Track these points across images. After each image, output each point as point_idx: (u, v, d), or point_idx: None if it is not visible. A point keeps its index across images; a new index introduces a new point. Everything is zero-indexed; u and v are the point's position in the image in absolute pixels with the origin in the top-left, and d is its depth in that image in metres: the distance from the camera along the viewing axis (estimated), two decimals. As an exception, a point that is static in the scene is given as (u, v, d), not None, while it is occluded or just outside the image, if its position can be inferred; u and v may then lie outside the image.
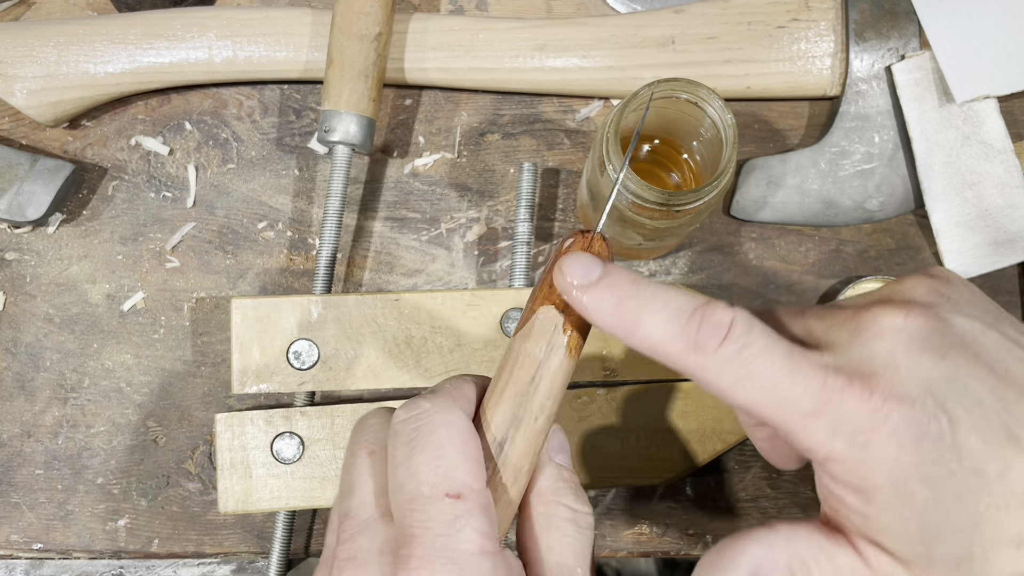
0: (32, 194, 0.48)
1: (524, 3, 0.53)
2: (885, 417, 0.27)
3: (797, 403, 0.28)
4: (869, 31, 0.49)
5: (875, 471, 0.28)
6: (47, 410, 0.50)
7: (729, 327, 0.29)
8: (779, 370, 0.28)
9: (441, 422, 0.30)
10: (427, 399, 0.31)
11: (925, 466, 0.27)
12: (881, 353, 0.28)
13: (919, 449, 0.27)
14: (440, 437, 0.29)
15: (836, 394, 0.28)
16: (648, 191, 0.39)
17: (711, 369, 0.29)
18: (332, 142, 0.47)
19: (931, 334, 0.28)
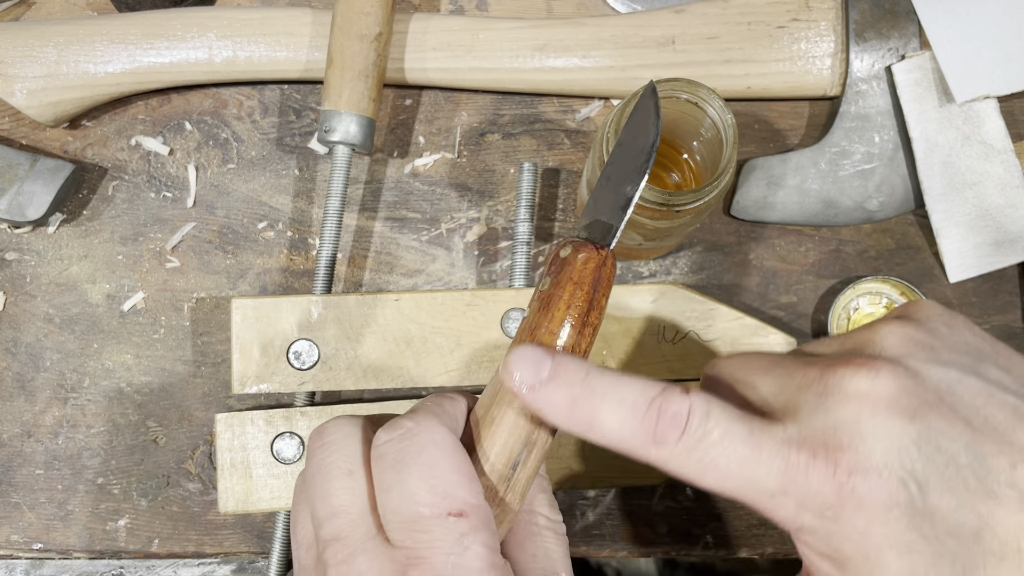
0: (32, 194, 0.48)
1: (524, 3, 0.53)
2: (851, 491, 0.27)
3: (762, 483, 0.28)
4: (869, 31, 0.49)
5: (846, 543, 0.27)
6: (47, 410, 0.50)
7: (687, 418, 0.29)
8: (741, 454, 0.28)
9: (428, 440, 0.29)
10: (409, 418, 0.30)
11: (896, 535, 0.27)
12: (847, 422, 0.28)
13: (888, 519, 0.27)
14: (430, 456, 0.29)
15: (800, 472, 0.27)
16: (648, 191, 0.39)
17: (674, 461, 0.29)
18: (332, 142, 0.48)
19: (900, 395, 0.28)
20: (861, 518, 0.27)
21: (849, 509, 0.27)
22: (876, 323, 0.32)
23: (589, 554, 0.49)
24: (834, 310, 0.49)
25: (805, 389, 0.29)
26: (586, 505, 0.49)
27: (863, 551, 0.27)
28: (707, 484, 0.29)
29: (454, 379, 0.46)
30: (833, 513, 0.27)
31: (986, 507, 0.27)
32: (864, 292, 0.49)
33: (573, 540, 0.49)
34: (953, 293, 0.51)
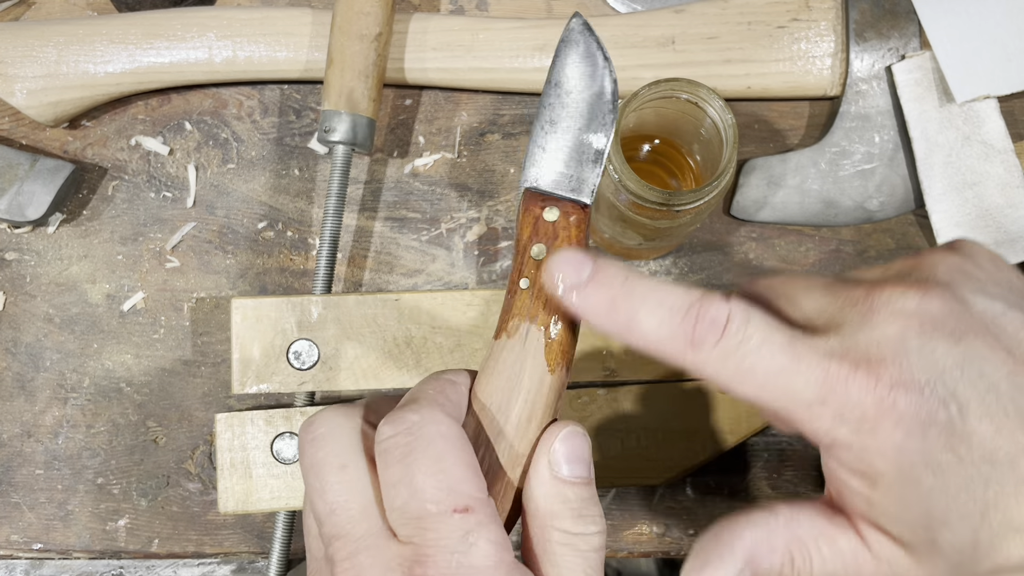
0: (32, 194, 0.48)
1: (524, 3, 0.53)
2: (891, 405, 0.27)
3: (800, 393, 0.28)
4: (869, 31, 0.49)
5: (880, 458, 0.27)
6: (47, 410, 0.50)
7: (726, 322, 0.28)
8: (779, 362, 0.28)
9: (435, 433, 0.29)
10: (413, 411, 0.29)
11: (932, 453, 0.27)
12: (891, 338, 0.28)
13: (926, 436, 0.27)
14: (437, 450, 0.28)
15: (840, 382, 0.27)
16: (648, 191, 0.39)
17: (710, 365, 0.29)
18: (332, 142, 0.47)
19: (947, 317, 0.28)
20: (899, 433, 0.27)
21: (887, 423, 0.27)
22: (924, 252, 0.32)
23: (589, 554, 0.49)
24: (834, 310, 0.49)
25: (850, 306, 0.29)
26: (586, 505, 0.49)
27: (897, 466, 0.27)
28: (744, 391, 0.29)
29: (454, 379, 0.46)
30: (871, 426, 0.27)
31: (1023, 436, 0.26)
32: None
33: (573, 540, 0.49)
34: (953, 293, 0.51)
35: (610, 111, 0.33)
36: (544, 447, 0.31)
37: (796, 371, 0.28)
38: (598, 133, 0.33)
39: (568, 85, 0.33)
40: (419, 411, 0.29)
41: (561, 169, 0.33)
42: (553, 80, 0.33)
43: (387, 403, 0.33)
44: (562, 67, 0.33)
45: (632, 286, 0.30)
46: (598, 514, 0.31)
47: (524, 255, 0.32)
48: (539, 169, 0.33)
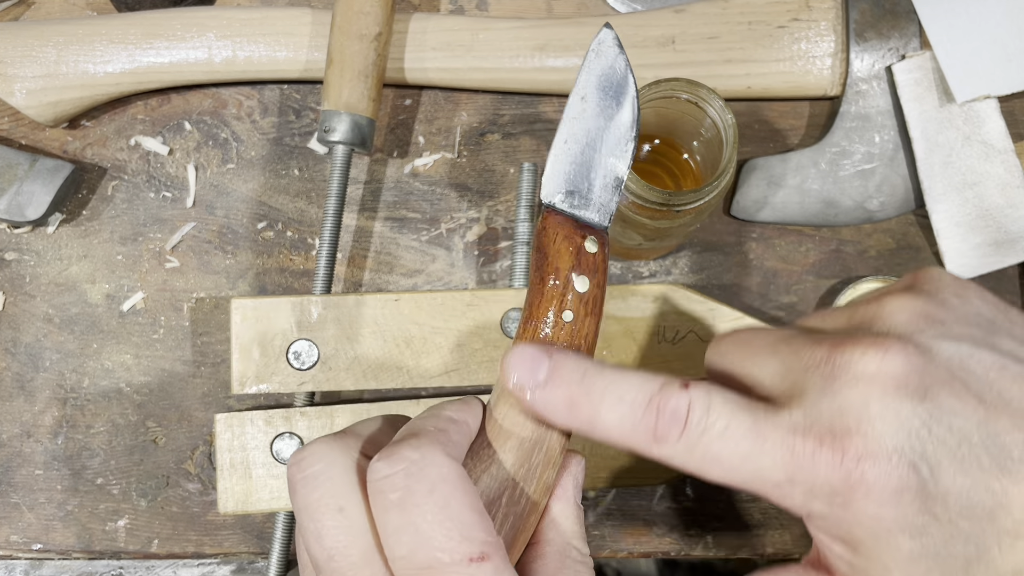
0: (32, 194, 0.48)
1: (524, 3, 0.53)
2: (860, 478, 0.26)
3: (768, 474, 0.28)
4: (869, 31, 0.49)
5: (857, 527, 0.27)
6: (47, 410, 0.50)
7: (687, 413, 0.28)
8: (744, 448, 0.28)
9: (437, 476, 0.27)
10: (411, 447, 0.28)
11: (908, 518, 0.26)
12: (854, 405, 0.27)
13: (899, 503, 0.26)
14: (442, 495, 0.27)
15: (806, 460, 0.27)
16: (648, 191, 0.39)
17: (677, 458, 0.29)
18: (332, 142, 0.47)
19: (909, 375, 0.27)
20: (871, 504, 0.26)
21: (859, 495, 0.26)
22: (883, 295, 0.31)
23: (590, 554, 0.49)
24: (834, 310, 0.49)
25: (812, 371, 0.29)
26: (586, 505, 0.49)
27: (875, 535, 0.27)
28: (713, 478, 0.29)
29: (454, 379, 0.46)
30: (843, 500, 0.27)
31: (1000, 485, 0.26)
32: (864, 292, 0.49)
33: (573, 540, 0.49)
34: (953, 293, 0.51)
35: (632, 138, 0.32)
36: (569, 475, 0.32)
37: (762, 452, 0.27)
38: (620, 159, 0.32)
39: (595, 101, 0.32)
40: (419, 448, 0.28)
41: (586, 189, 0.32)
42: (580, 93, 0.32)
43: (383, 432, 0.31)
44: (590, 81, 0.32)
45: (591, 383, 0.29)
46: None
47: (567, 287, 0.31)
48: (561, 185, 0.32)
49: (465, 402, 0.32)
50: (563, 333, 0.31)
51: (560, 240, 0.31)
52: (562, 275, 0.31)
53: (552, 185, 0.32)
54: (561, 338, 0.31)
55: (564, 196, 0.32)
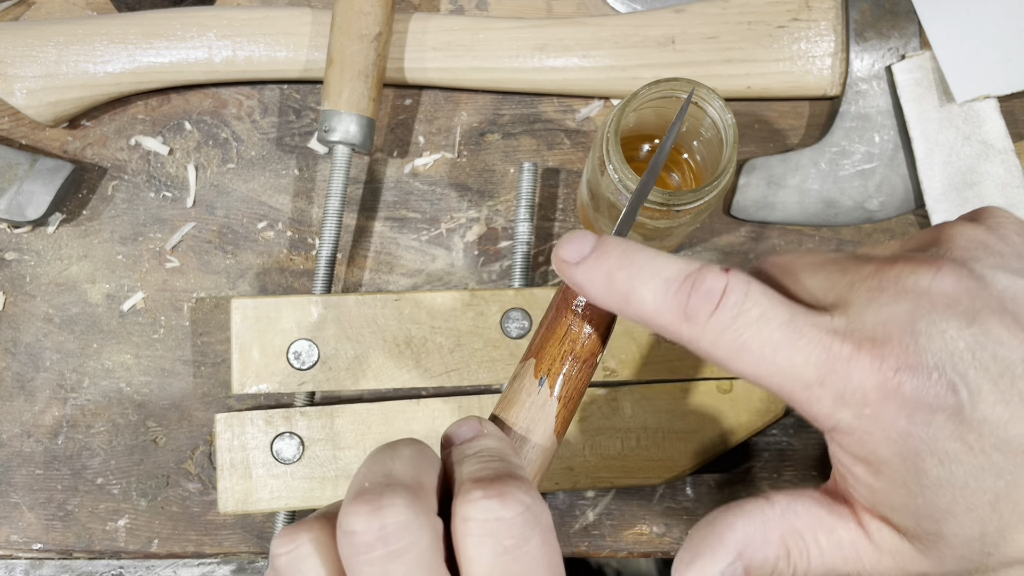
0: (32, 194, 0.48)
1: (524, 3, 0.53)
2: (895, 388, 0.25)
3: (799, 373, 0.26)
4: (869, 31, 0.49)
5: (884, 445, 0.26)
6: (47, 410, 0.50)
7: (722, 294, 0.27)
8: (778, 339, 0.26)
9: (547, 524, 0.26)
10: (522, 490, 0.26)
11: (939, 441, 0.25)
12: (900, 317, 0.26)
13: (932, 423, 0.25)
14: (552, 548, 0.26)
15: (842, 363, 0.26)
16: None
17: (705, 339, 0.27)
18: (332, 142, 0.47)
19: (961, 296, 0.26)
20: (903, 419, 0.25)
21: (891, 408, 0.25)
22: (945, 223, 0.30)
23: (589, 554, 0.49)
24: (834, 310, 0.49)
25: (859, 284, 0.27)
26: (586, 505, 0.49)
27: (901, 455, 0.26)
28: (739, 368, 0.27)
29: (454, 379, 0.46)
30: (873, 411, 0.26)
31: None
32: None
33: (573, 540, 0.49)
34: (953, 293, 0.51)
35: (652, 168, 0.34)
36: None
37: (795, 348, 0.26)
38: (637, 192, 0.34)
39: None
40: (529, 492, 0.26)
41: None
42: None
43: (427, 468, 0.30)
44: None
45: (630, 257, 0.29)
46: None
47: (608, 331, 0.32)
48: None
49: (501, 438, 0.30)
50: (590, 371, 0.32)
51: None
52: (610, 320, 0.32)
53: None
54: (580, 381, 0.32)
55: None
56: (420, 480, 0.27)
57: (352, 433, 0.46)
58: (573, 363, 0.31)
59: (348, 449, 0.46)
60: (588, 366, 0.32)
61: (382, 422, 0.46)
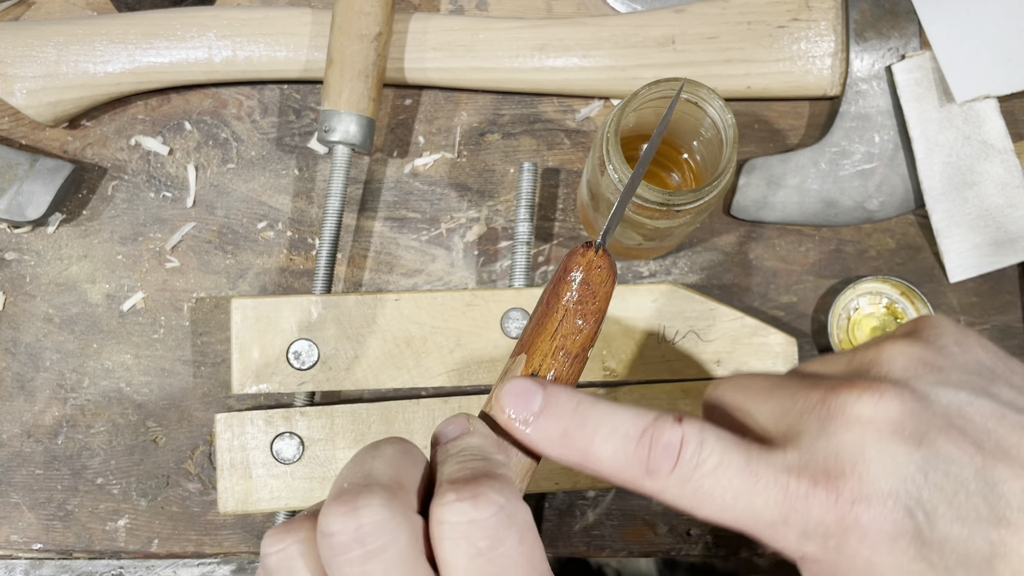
0: (32, 194, 0.48)
1: (524, 3, 0.53)
2: (855, 521, 0.26)
3: (761, 515, 0.27)
4: (869, 31, 0.49)
5: (852, 573, 0.27)
6: (47, 410, 0.50)
7: (680, 447, 0.28)
8: (737, 485, 0.27)
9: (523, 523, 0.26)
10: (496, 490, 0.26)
11: (903, 566, 0.26)
12: (849, 448, 0.27)
13: (894, 549, 0.26)
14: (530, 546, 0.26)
15: (800, 501, 0.27)
16: (648, 191, 0.39)
17: (669, 492, 0.28)
18: (332, 142, 0.47)
19: (906, 419, 0.27)
20: (865, 548, 0.26)
21: (853, 539, 0.26)
22: (883, 340, 0.31)
23: (589, 554, 0.49)
24: (834, 310, 0.49)
25: (807, 413, 0.28)
26: (586, 505, 0.49)
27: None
28: (704, 515, 0.28)
29: (454, 379, 0.46)
30: (836, 543, 0.26)
31: (998, 535, 0.26)
32: (864, 292, 0.49)
33: (573, 541, 0.49)
34: (953, 293, 0.51)
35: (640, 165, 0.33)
36: None
37: (755, 492, 0.27)
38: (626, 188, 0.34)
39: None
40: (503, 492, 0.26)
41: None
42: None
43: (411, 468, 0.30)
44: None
45: (584, 415, 0.29)
46: None
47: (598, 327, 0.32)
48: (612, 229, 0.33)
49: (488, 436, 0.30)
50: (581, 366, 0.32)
51: (610, 285, 0.32)
52: (601, 316, 0.32)
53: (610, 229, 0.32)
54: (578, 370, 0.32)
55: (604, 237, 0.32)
56: (400, 479, 0.27)
57: (352, 433, 0.46)
58: (564, 358, 0.32)
59: (348, 449, 0.46)
60: (579, 360, 0.32)
61: (382, 422, 0.46)
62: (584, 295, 0.32)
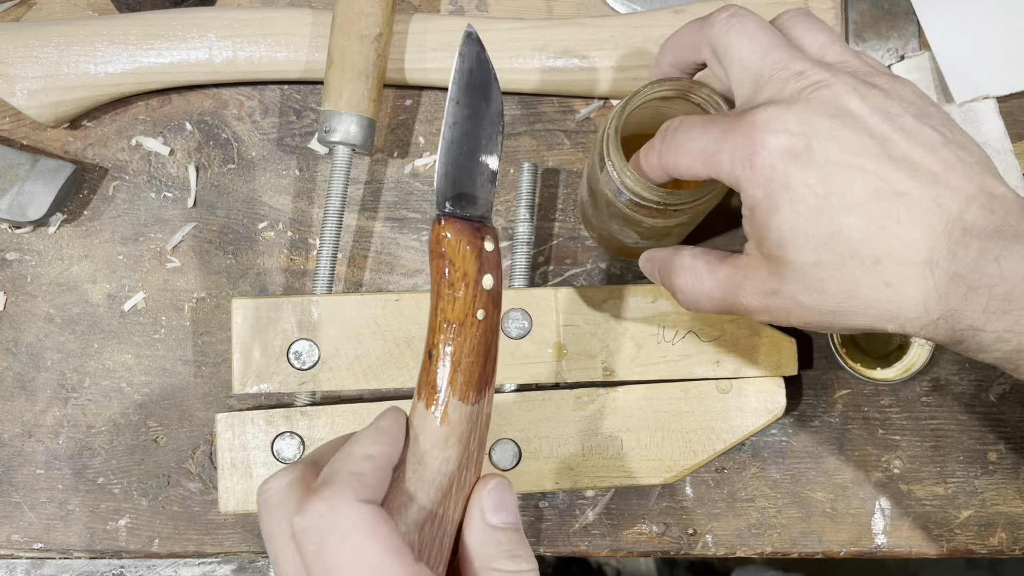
0: (33, 194, 0.49)
1: (524, 3, 0.53)
2: (761, 143, 0.32)
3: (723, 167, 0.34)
4: (868, 31, 0.49)
5: (756, 187, 0.33)
6: (48, 410, 0.50)
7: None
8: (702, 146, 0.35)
9: (348, 525, 0.29)
10: (321, 499, 0.29)
11: (790, 180, 0.32)
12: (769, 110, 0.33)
13: (786, 168, 0.32)
14: (354, 543, 0.28)
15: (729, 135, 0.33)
16: (648, 190, 0.39)
17: None
18: (332, 142, 0.48)
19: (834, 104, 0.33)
20: (767, 165, 0.32)
21: (760, 157, 0.32)
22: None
23: (589, 553, 0.49)
24: (834, 310, 0.49)
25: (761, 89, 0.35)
26: (586, 505, 0.49)
27: (765, 193, 0.33)
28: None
29: (454, 379, 0.46)
30: (750, 161, 0.32)
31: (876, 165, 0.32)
32: None
33: (573, 540, 0.49)
34: (952, 293, 0.51)
35: (500, 131, 0.35)
36: (476, 500, 0.33)
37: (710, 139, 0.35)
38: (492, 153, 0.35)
39: (466, 103, 0.34)
40: (329, 500, 0.29)
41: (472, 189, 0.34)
42: (454, 98, 0.34)
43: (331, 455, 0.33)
44: (459, 84, 0.34)
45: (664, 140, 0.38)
46: (529, 555, 0.32)
47: (477, 288, 0.33)
48: (451, 190, 0.34)
49: (381, 429, 0.33)
50: (478, 331, 0.32)
51: (463, 246, 0.33)
52: (471, 278, 0.33)
53: (444, 193, 0.34)
54: (476, 336, 0.32)
55: (455, 200, 0.34)
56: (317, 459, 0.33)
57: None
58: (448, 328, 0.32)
59: (348, 449, 0.46)
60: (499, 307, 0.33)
61: (382, 422, 0.46)
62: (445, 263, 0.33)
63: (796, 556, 0.50)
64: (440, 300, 0.33)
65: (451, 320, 0.32)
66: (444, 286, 0.32)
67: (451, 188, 0.34)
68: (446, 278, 0.32)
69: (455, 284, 0.32)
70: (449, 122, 0.34)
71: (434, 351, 0.32)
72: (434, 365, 0.32)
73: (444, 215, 0.33)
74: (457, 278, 0.32)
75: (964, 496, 0.50)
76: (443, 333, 0.32)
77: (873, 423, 0.50)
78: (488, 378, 0.33)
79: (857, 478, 0.50)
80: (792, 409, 0.50)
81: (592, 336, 0.47)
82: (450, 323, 0.32)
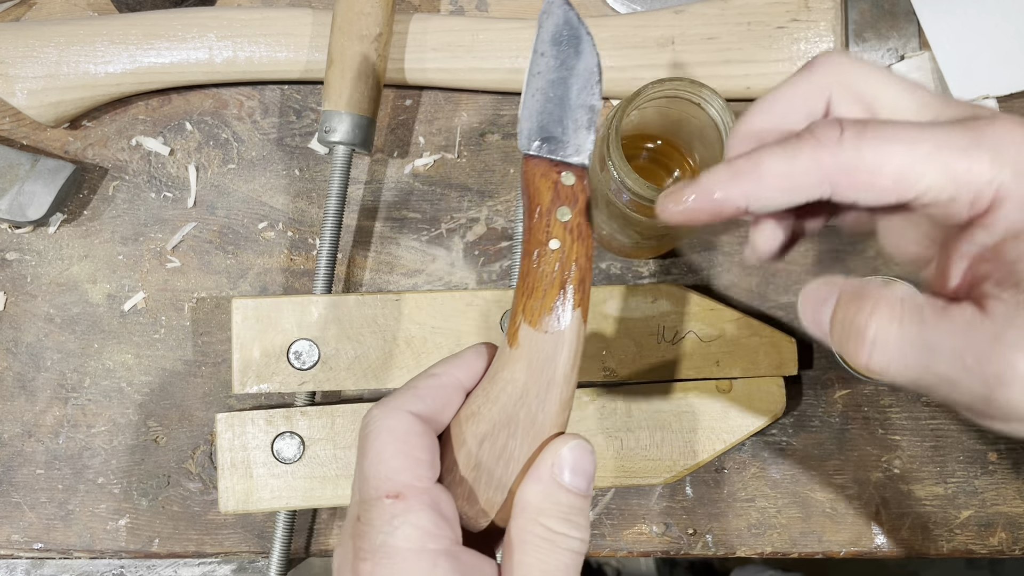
0: (33, 194, 0.49)
1: (524, 3, 0.53)
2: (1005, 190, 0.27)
3: (955, 142, 0.27)
4: (869, 31, 0.49)
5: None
6: (48, 410, 0.50)
7: (840, 121, 0.29)
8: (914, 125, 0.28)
9: (384, 427, 0.31)
10: (377, 405, 0.32)
11: None
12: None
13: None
14: (382, 442, 0.31)
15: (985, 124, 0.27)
16: (648, 190, 0.39)
17: (845, 157, 0.28)
18: (332, 142, 0.48)
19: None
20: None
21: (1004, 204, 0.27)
22: None
23: (589, 554, 0.49)
24: (834, 310, 0.49)
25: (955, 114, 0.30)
26: (586, 505, 0.49)
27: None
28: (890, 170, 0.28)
29: (454, 379, 0.46)
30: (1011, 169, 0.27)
31: None
32: None
33: (573, 540, 0.49)
34: (952, 293, 0.51)
35: (599, 78, 0.35)
36: (551, 450, 0.32)
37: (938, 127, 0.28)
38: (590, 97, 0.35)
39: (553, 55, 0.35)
40: (380, 406, 0.32)
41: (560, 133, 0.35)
42: (539, 50, 0.35)
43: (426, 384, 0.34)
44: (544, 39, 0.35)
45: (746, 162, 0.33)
46: (585, 525, 0.32)
47: (549, 217, 0.33)
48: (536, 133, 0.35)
49: (457, 355, 0.34)
50: (553, 259, 0.33)
51: (539, 178, 0.34)
52: (544, 208, 0.34)
53: (527, 136, 0.35)
54: (551, 264, 0.33)
55: (540, 143, 0.35)
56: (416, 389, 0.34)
57: (352, 433, 0.46)
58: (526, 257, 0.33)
59: (348, 449, 0.46)
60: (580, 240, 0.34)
61: (382, 422, 0.46)
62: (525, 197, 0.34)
63: (796, 556, 0.50)
64: (524, 231, 0.34)
65: (528, 250, 0.33)
66: (526, 217, 0.34)
67: (535, 133, 0.35)
68: (527, 209, 0.34)
69: (532, 214, 0.34)
70: (533, 72, 0.35)
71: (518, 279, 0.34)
72: (516, 291, 0.34)
73: (525, 156, 0.35)
74: (532, 209, 0.34)
75: (964, 496, 0.50)
76: (523, 261, 0.34)
77: (873, 423, 0.50)
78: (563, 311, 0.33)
79: (857, 478, 0.50)
80: (792, 409, 0.50)
81: (592, 336, 0.47)
82: (527, 253, 0.33)
